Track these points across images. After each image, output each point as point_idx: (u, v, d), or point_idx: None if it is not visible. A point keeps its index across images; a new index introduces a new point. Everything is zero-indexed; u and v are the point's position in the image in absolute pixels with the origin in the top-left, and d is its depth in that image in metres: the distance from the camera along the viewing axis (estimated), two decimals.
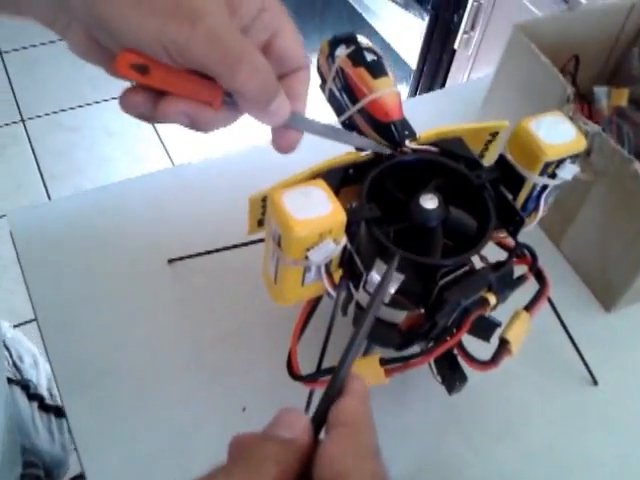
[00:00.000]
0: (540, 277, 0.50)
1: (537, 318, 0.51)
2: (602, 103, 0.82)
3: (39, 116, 2.19)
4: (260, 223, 0.49)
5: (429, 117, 0.89)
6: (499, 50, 0.78)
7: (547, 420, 0.62)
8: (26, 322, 1.45)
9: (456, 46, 1.66)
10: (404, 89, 1.98)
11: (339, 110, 0.52)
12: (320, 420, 0.29)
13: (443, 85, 1.75)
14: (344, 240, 0.42)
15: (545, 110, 0.70)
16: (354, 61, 0.50)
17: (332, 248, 0.41)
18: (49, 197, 1.97)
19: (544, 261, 0.75)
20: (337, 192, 0.48)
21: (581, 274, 0.74)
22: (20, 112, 2.20)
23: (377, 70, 0.49)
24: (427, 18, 1.66)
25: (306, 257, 0.41)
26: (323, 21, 2.40)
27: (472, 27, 1.59)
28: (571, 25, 0.78)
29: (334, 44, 0.52)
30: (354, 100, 0.50)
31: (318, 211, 0.40)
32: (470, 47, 1.63)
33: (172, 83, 0.36)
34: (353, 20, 2.24)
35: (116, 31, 0.33)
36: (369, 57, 0.50)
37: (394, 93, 0.49)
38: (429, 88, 1.78)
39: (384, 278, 0.35)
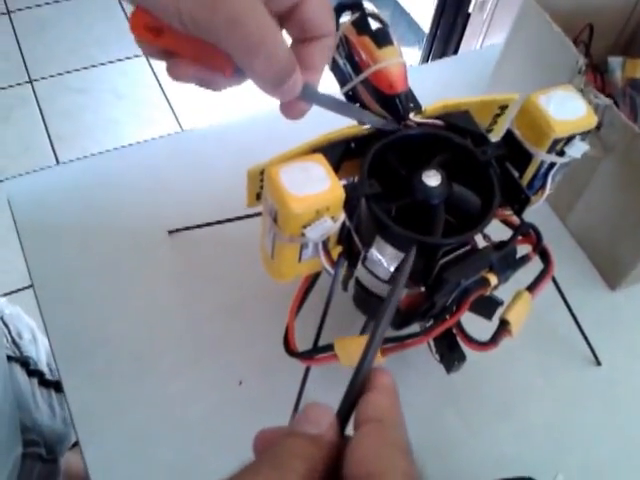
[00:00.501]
0: (545, 256, 0.49)
1: (540, 296, 0.50)
2: (616, 74, 0.80)
3: (47, 77, 2.17)
4: (259, 196, 0.48)
5: (438, 85, 0.88)
6: (514, 15, 0.75)
7: (547, 400, 0.62)
8: (19, 290, 1.47)
9: (470, 10, 1.62)
10: (416, 53, 1.94)
11: (342, 80, 0.50)
12: (346, 415, 0.29)
13: (456, 50, 1.72)
14: (342, 217, 0.41)
15: (556, 81, 0.68)
16: (358, 29, 0.48)
17: (329, 225, 0.40)
18: (57, 159, 1.97)
19: (550, 237, 0.73)
20: (338, 166, 0.47)
21: (587, 251, 0.73)
22: (28, 73, 2.18)
23: (382, 39, 0.47)
24: None
25: (303, 234, 0.40)
26: None
27: None
28: None
29: (339, 10, 0.50)
30: (358, 70, 0.48)
31: (316, 187, 0.39)
32: (485, 11, 1.59)
33: (185, 48, 0.35)
34: None
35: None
36: (374, 25, 0.48)
37: (399, 64, 0.47)
38: (442, 53, 1.75)
39: (402, 270, 0.34)
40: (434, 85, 0.87)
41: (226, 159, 0.75)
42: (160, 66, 2.15)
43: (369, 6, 0.50)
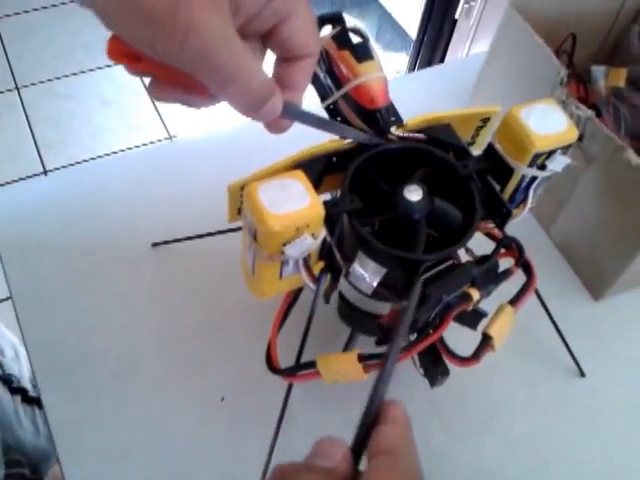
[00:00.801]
0: (527, 269, 0.49)
1: (523, 308, 0.49)
2: (599, 83, 0.80)
3: (34, 84, 2.16)
4: (240, 211, 0.48)
5: (424, 95, 0.88)
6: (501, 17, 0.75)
7: (531, 412, 0.61)
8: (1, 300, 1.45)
9: (457, 16, 1.62)
10: (404, 59, 1.95)
11: (323, 94, 0.50)
12: (359, 448, 0.29)
13: (444, 56, 1.72)
14: (323, 234, 0.41)
15: (538, 92, 0.69)
16: (339, 43, 0.48)
17: (309, 243, 0.40)
18: (44, 167, 1.96)
19: (533, 247, 0.73)
20: (320, 180, 0.47)
21: (570, 262, 0.73)
22: (15, 80, 2.17)
23: (362, 54, 0.47)
24: None
25: (283, 252, 0.40)
26: None
27: None
28: (568, 2, 0.76)
29: (319, 24, 0.50)
30: (338, 85, 0.48)
31: (295, 205, 0.39)
32: (471, 17, 1.59)
33: (162, 73, 0.35)
34: None
35: (110, 27, 0.32)
36: (355, 39, 0.48)
37: (380, 78, 0.47)
38: (429, 59, 1.75)
39: (406, 313, 0.34)
40: (419, 94, 0.87)
41: (211, 170, 0.74)
42: None
43: (350, 20, 0.49)
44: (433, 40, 1.69)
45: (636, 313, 0.70)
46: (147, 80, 0.37)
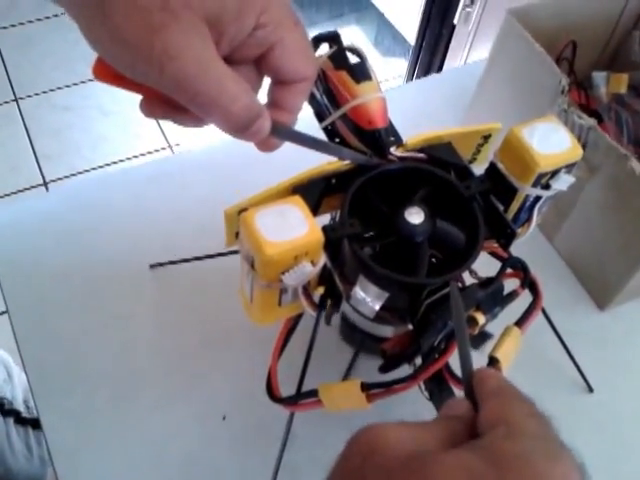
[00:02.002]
0: (533, 289, 0.48)
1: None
2: (601, 89, 0.79)
3: (32, 95, 2.16)
4: (238, 235, 0.47)
5: (422, 105, 0.87)
6: (500, 26, 0.74)
7: None
8: None
9: (455, 21, 1.61)
10: (403, 65, 1.94)
11: (320, 114, 0.50)
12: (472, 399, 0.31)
13: (442, 61, 1.71)
14: (322, 261, 0.40)
15: (539, 101, 0.68)
16: (335, 63, 0.47)
17: (309, 271, 0.39)
18: (44, 178, 1.95)
19: (537, 257, 0.72)
20: (320, 201, 0.46)
21: (575, 271, 0.73)
22: (13, 91, 2.16)
23: (360, 74, 0.46)
24: None
25: (281, 280, 0.39)
26: None
27: (472, 1, 1.54)
28: (568, 9, 0.75)
29: (316, 43, 0.49)
30: (336, 105, 0.48)
31: (293, 232, 0.38)
32: (470, 22, 1.58)
33: (149, 93, 0.35)
34: None
35: (94, 49, 0.33)
36: (352, 59, 0.48)
37: (378, 99, 0.46)
38: (428, 65, 1.74)
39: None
40: (418, 105, 0.87)
41: (212, 183, 0.74)
42: None
43: (347, 39, 0.49)
44: (432, 45, 1.69)
45: None
46: None
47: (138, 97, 0.37)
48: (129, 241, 0.69)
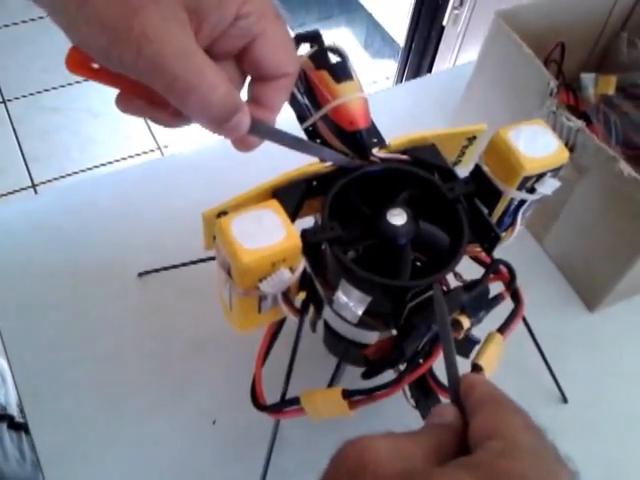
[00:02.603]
0: (515, 296, 0.47)
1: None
2: (589, 91, 0.79)
3: (21, 97, 2.14)
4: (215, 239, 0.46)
5: (410, 107, 0.86)
6: (488, 27, 0.74)
7: None
8: None
9: (445, 23, 1.61)
10: (393, 66, 1.94)
11: (302, 115, 0.48)
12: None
13: (432, 63, 1.71)
14: (301, 266, 0.39)
15: (527, 103, 0.67)
16: (316, 63, 0.46)
17: (287, 278, 0.38)
18: (32, 181, 1.94)
19: (527, 259, 0.73)
20: (301, 204, 0.45)
21: (565, 273, 0.72)
22: (1, 93, 2.15)
23: (341, 74, 0.45)
24: None
25: (259, 287, 0.38)
26: None
27: (461, 3, 1.54)
28: (556, 11, 0.74)
29: (297, 42, 0.48)
30: (317, 106, 0.46)
31: (270, 238, 0.37)
32: (459, 24, 1.58)
33: (124, 85, 0.34)
34: None
35: (68, 34, 0.31)
36: (333, 59, 0.46)
37: (359, 99, 0.45)
38: (418, 66, 1.74)
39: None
40: (407, 107, 0.86)
41: (202, 186, 0.73)
42: None
43: (328, 39, 0.47)
44: (421, 47, 1.68)
45: (631, 323, 0.69)
46: None
47: None
48: (118, 244, 0.68)
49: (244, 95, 0.37)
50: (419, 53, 1.70)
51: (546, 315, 0.65)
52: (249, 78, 0.37)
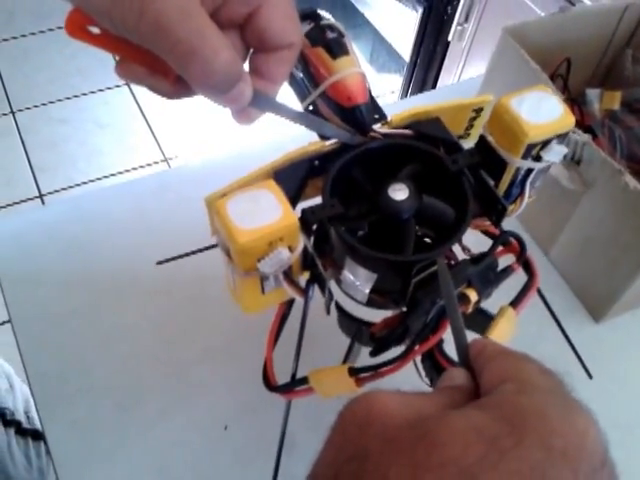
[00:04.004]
0: (528, 268, 0.45)
1: (527, 324, 0.47)
2: (594, 106, 0.80)
3: (29, 108, 2.16)
4: None
5: None
6: (493, 43, 0.74)
7: None
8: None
9: (450, 38, 1.63)
10: (398, 81, 1.95)
11: (301, 95, 0.47)
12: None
13: (437, 78, 1.72)
14: (300, 245, 0.38)
15: None
16: (312, 40, 0.44)
17: (285, 257, 0.37)
18: (39, 191, 1.95)
19: None
20: (304, 185, 0.44)
21: (570, 284, 0.72)
22: (10, 104, 2.16)
23: (337, 49, 0.44)
24: (420, 10, 1.63)
25: (258, 268, 0.37)
26: None
27: (466, 19, 1.56)
28: (563, 27, 0.75)
29: None
30: (315, 84, 0.45)
31: (266, 218, 0.36)
32: (464, 39, 1.60)
33: (124, 50, 0.33)
34: (346, 10, 2.20)
35: None
36: (329, 35, 0.45)
37: (356, 73, 0.43)
38: (422, 81, 1.75)
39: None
40: None
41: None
42: (142, 94, 2.14)
43: (325, 16, 0.46)
44: (426, 62, 1.70)
45: (636, 334, 0.69)
46: (142, 102, 0.35)
47: (135, 109, 0.36)
48: (130, 253, 0.68)
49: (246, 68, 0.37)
50: (424, 68, 1.71)
51: (552, 325, 0.64)
52: (251, 51, 0.37)
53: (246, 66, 0.37)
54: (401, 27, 1.82)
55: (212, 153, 0.80)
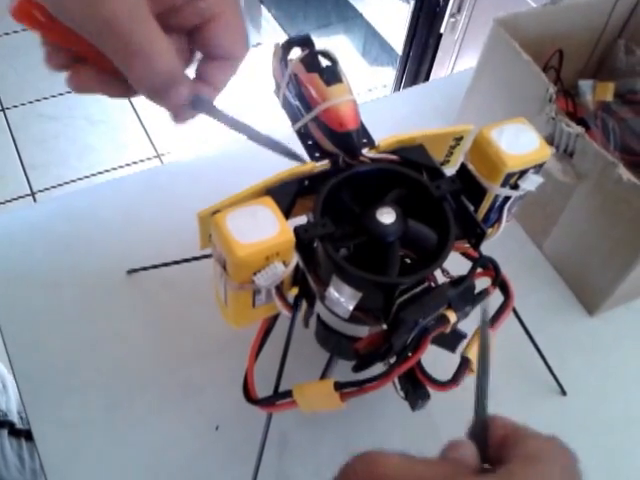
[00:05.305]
0: (504, 289, 0.48)
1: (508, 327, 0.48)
2: (587, 97, 0.79)
3: (20, 105, 2.15)
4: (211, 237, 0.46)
5: (409, 114, 0.86)
6: (486, 35, 0.74)
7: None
8: None
9: (442, 30, 1.62)
10: (391, 74, 1.94)
11: (294, 117, 0.49)
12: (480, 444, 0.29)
13: (430, 70, 1.71)
14: (294, 261, 0.40)
15: (527, 110, 0.67)
16: (307, 66, 0.47)
17: (280, 271, 0.38)
18: (31, 189, 1.94)
19: (526, 263, 0.72)
20: (293, 203, 0.46)
21: (564, 277, 0.72)
22: (0, 101, 2.15)
23: (331, 77, 0.46)
24: (412, 2, 1.62)
25: (253, 281, 0.38)
26: (308, 3, 2.35)
27: (458, 10, 1.55)
28: (555, 18, 0.75)
29: (288, 47, 0.49)
30: (308, 108, 0.47)
31: (264, 233, 0.38)
32: (456, 31, 1.59)
33: (70, 42, 0.34)
34: (338, 3, 2.19)
35: None
36: (323, 62, 0.47)
37: (349, 101, 0.46)
38: (415, 73, 1.75)
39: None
40: (405, 114, 0.86)
41: (202, 194, 0.72)
42: None
43: (318, 43, 0.48)
44: (419, 55, 1.69)
45: (631, 327, 0.69)
46: (134, 99, 0.36)
47: (127, 106, 0.36)
48: (120, 252, 0.68)
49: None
50: (417, 60, 1.70)
51: (546, 319, 0.64)
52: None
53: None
54: (393, 20, 1.82)
55: (204, 149, 0.79)
